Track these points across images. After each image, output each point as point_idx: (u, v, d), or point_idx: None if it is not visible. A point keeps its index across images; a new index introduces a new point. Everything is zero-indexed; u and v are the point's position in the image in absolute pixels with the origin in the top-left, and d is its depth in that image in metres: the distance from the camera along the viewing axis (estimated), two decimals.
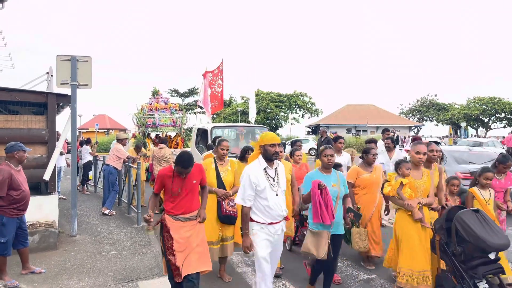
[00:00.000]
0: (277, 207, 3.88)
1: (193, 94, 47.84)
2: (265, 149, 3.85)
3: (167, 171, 4.09)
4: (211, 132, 9.72)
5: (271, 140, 3.86)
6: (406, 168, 4.51)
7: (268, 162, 3.88)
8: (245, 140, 10.37)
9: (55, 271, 5.41)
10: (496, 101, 49.27)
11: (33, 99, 7.09)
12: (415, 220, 4.44)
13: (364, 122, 50.84)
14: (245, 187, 3.84)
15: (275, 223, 3.92)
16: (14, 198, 4.93)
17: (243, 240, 3.91)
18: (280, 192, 3.92)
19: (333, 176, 4.50)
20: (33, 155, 6.72)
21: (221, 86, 14.87)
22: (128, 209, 9.11)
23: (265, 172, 3.86)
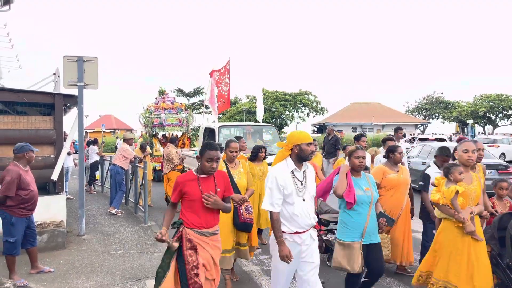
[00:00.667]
0: (305, 215, 3.48)
1: (198, 94, 47.92)
2: (301, 149, 3.47)
3: (189, 176, 3.50)
4: (218, 131, 9.70)
5: (307, 138, 3.51)
6: (459, 172, 3.92)
7: (297, 163, 3.53)
8: (252, 139, 10.31)
9: (63, 270, 5.45)
10: (503, 98, 48.89)
11: (40, 100, 7.15)
12: (466, 233, 3.87)
13: (370, 120, 50.66)
14: (273, 191, 3.46)
15: (302, 232, 3.50)
16: (23, 198, 4.97)
17: (279, 250, 3.43)
18: (308, 197, 3.54)
19: (364, 179, 4.12)
20: (41, 155, 6.77)
21: (228, 85, 14.79)
22: (135, 209, 9.16)
23: (292, 174, 3.50)
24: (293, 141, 3.52)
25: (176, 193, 3.48)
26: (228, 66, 14.70)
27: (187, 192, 3.42)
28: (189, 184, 3.43)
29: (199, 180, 3.44)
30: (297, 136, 3.54)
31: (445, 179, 4.06)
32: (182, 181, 3.45)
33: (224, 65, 14.74)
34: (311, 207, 3.58)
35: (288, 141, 3.56)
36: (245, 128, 10.92)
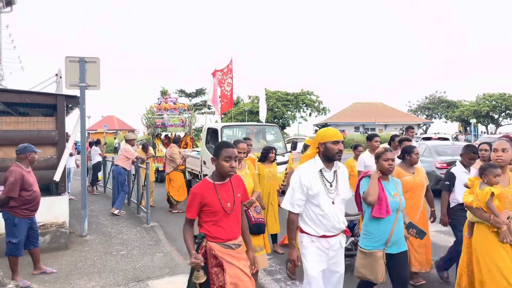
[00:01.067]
0: (333, 218, 3.25)
1: (200, 94, 47.89)
2: (326, 147, 3.24)
3: (205, 185, 3.09)
4: (221, 131, 9.65)
5: (334, 136, 3.26)
6: (494, 175, 3.65)
7: (326, 163, 3.29)
8: (255, 139, 10.29)
9: (66, 271, 5.46)
10: (506, 97, 48.70)
11: (42, 101, 7.16)
12: (501, 240, 3.63)
13: (372, 120, 50.59)
14: (294, 190, 3.28)
15: (330, 236, 3.29)
16: (26, 199, 4.98)
17: (289, 252, 3.30)
18: (338, 200, 3.30)
19: (392, 184, 3.79)
20: (43, 156, 6.78)
21: (231, 85, 14.60)
22: (138, 209, 9.16)
23: (320, 174, 3.28)
24: (318, 139, 3.32)
25: (195, 207, 3.05)
26: (231, 66, 14.51)
27: (207, 203, 3.03)
28: (207, 194, 3.05)
29: (216, 187, 3.08)
30: (322, 134, 3.31)
31: (479, 179, 3.80)
32: (200, 192, 3.04)
33: (226, 65, 14.58)
34: (341, 211, 3.34)
35: (315, 139, 3.37)
36: (248, 128, 10.83)
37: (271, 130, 11.43)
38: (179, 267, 5.53)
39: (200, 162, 10.47)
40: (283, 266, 5.75)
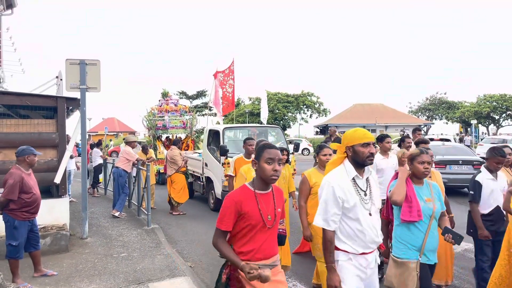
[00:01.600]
0: (371, 231, 2.88)
1: (201, 96, 47.91)
2: (355, 151, 2.86)
3: (245, 192, 2.70)
4: (223, 133, 9.62)
5: (363, 137, 2.86)
6: None
7: (358, 169, 2.90)
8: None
9: (67, 273, 5.45)
10: (507, 98, 48.58)
11: (43, 103, 7.16)
12: None
13: (373, 121, 50.50)
14: (328, 204, 2.86)
15: (368, 253, 2.92)
16: (26, 201, 4.97)
17: (328, 278, 2.85)
18: (374, 210, 2.94)
19: (426, 188, 3.47)
20: (44, 158, 6.78)
21: (232, 86, 14.44)
22: (138, 211, 9.16)
23: (354, 183, 2.89)
24: (345, 142, 2.94)
25: (232, 216, 2.63)
26: (233, 67, 14.43)
27: (246, 213, 2.62)
28: (247, 203, 2.65)
29: (256, 196, 2.69)
30: (350, 136, 2.91)
31: None
32: (239, 200, 2.64)
33: (228, 66, 14.47)
34: (378, 222, 2.97)
35: (342, 142, 3.00)
36: (250, 130, 10.72)
37: (273, 131, 11.33)
38: (179, 269, 5.52)
39: (202, 164, 10.37)
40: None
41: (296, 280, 5.29)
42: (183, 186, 9.74)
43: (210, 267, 5.91)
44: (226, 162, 8.83)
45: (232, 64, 14.48)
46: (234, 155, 9.24)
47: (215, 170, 9.54)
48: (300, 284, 5.18)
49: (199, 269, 5.82)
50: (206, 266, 5.97)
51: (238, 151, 9.40)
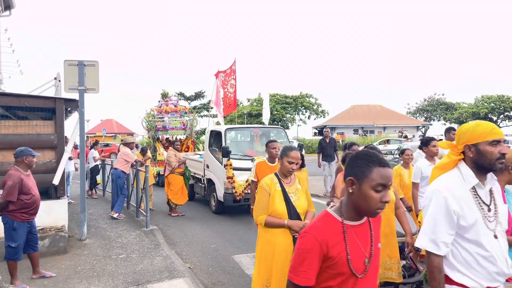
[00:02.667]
0: (499, 259, 2.13)
1: (199, 97, 47.96)
2: (479, 151, 2.16)
3: (330, 224, 1.88)
4: (225, 134, 9.41)
5: (491, 133, 2.15)
6: None
7: (480, 175, 2.19)
8: (260, 142, 9.83)
9: (65, 275, 5.43)
10: (504, 99, 48.75)
11: (41, 105, 7.15)
12: None
13: (371, 122, 50.60)
14: (438, 220, 2.15)
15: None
16: (25, 203, 4.96)
17: None
18: (500, 231, 2.18)
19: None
20: (42, 160, 6.76)
21: (234, 87, 14.04)
22: (137, 213, 9.14)
23: (474, 193, 2.18)
24: (464, 139, 2.21)
25: (315, 262, 1.83)
26: (234, 67, 14.06)
27: (332, 258, 1.83)
28: (334, 242, 1.84)
29: (345, 231, 1.87)
30: (472, 131, 2.19)
31: None
32: (323, 239, 1.82)
33: (229, 66, 14.12)
34: (505, 247, 2.21)
35: (457, 139, 2.27)
36: (252, 131, 10.48)
37: (277, 132, 10.99)
38: (178, 270, 5.51)
39: (203, 165, 10.18)
40: None
41: None
42: (181, 187, 9.70)
43: (209, 268, 5.91)
44: (229, 164, 8.70)
45: (234, 64, 14.13)
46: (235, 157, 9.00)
47: (217, 172, 9.37)
48: None
49: (198, 270, 5.81)
50: (205, 267, 5.96)
51: (240, 152, 9.35)
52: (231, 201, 8.82)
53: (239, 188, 8.71)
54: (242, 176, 8.76)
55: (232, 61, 14.16)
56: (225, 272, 5.72)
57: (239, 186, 8.71)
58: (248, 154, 9.28)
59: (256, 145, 9.87)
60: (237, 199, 8.74)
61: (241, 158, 9.06)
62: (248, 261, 6.12)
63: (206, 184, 10.17)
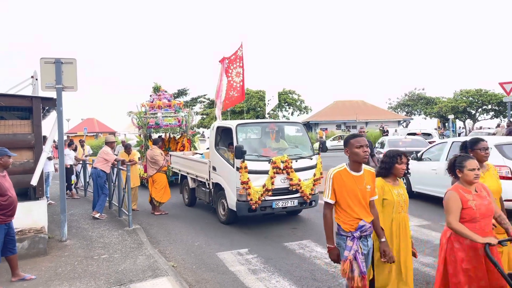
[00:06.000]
0: None
1: (182, 95, 47.56)
2: None
3: None
4: (236, 131, 7.91)
5: None
6: None
7: None
8: (276, 139, 8.64)
9: (46, 277, 5.32)
10: (482, 93, 49.77)
11: (18, 104, 6.99)
12: None
13: (354, 117, 51.03)
14: None
15: None
16: (1, 204, 4.85)
17: None
18: None
19: None
20: (20, 160, 6.61)
21: (240, 75, 12.16)
22: (119, 212, 9.02)
23: None
24: None
25: None
26: (241, 53, 12.21)
27: None
28: None
29: None
30: None
31: None
32: None
33: (234, 51, 12.29)
34: None
35: None
36: (268, 126, 8.96)
37: (294, 128, 9.74)
38: (162, 269, 5.46)
39: (208, 168, 8.82)
40: (267, 265, 5.75)
41: (280, 277, 5.30)
42: (165, 185, 9.62)
43: (193, 266, 5.87)
44: (243, 166, 7.39)
45: (240, 49, 12.15)
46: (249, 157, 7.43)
47: (228, 176, 7.98)
48: (283, 280, 5.19)
49: (182, 269, 5.77)
50: (189, 265, 5.93)
51: (253, 152, 7.96)
52: (246, 210, 7.47)
53: (255, 195, 7.37)
54: (258, 180, 7.48)
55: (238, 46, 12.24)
56: (209, 269, 5.70)
57: (255, 193, 7.38)
58: (264, 154, 7.93)
59: (272, 143, 8.49)
60: (253, 207, 7.39)
61: (256, 159, 7.68)
62: (232, 258, 6.11)
63: (212, 189, 8.77)
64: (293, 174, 7.57)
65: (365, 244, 3.47)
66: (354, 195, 3.42)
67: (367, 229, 3.43)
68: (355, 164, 3.45)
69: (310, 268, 5.60)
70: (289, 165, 7.54)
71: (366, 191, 3.47)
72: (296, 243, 6.78)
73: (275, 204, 7.58)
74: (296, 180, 7.59)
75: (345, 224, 3.43)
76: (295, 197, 7.73)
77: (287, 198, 7.67)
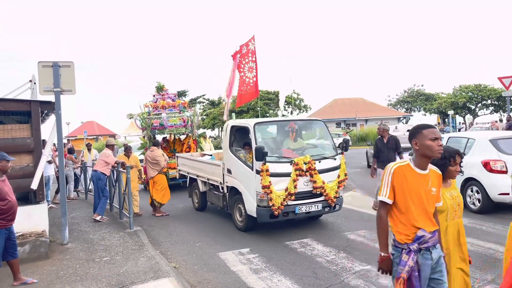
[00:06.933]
0: None
1: (181, 96, 47.59)
2: None
3: None
4: (254, 130, 7.33)
5: None
6: None
7: None
8: (296, 139, 7.99)
9: (47, 280, 5.33)
10: (481, 88, 49.74)
11: (16, 108, 6.98)
12: None
13: (353, 115, 51.00)
14: None
15: None
16: (1, 209, 4.85)
17: None
18: None
19: None
20: (19, 164, 6.61)
21: (253, 70, 11.17)
22: (120, 214, 9.03)
23: None
24: None
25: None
26: (253, 46, 11.21)
27: None
28: None
29: None
30: None
31: None
32: None
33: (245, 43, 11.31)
34: None
35: None
36: (287, 125, 8.23)
37: (315, 126, 8.90)
38: (163, 270, 5.46)
39: (222, 170, 8.19)
40: (269, 264, 5.75)
41: (281, 275, 5.30)
42: (165, 186, 9.63)
43: (195, 266, 5.88)
44: (265, 169, 6.82)
45: (251, 41, 11.15)
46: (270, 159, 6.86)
47: (246, 179, 7.40)
48: (285, 279, 5.19)
49: (184, 269, 5.77)
50: (191, 266, 5.93)
51: (273, 153, 7.34)
52: (267, 216, 6.96)
53: (277, 200, 6.82)
54: (279, 184, 6.92)
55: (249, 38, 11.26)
56: (211, 269, 5.70)
57: (277, 198, 6.82)
58: (285, 155, 7.35)
59: (293, 144, 7.88)
60: (275, 214, 6.86)
61: (277, 161, 7.13)
62: (234, 257, 6.12)
63: (227, 193, 8.21)
64: (317, 176, 7.05)
65: (427, 257, 2.84)
66: (417, 197, 2.86)
67: (427, 240, 2.82)
68: (423, 159, 2.89)
69: (312, 266, 5.60)
70: (313, 167, 7.03)
71: (431, 194, 2.91)
72: (297, 241, 6.78)
73: (298, 209, 7.05)
74: (320, 182, 7.06)
75: (400, 234, 2.88)
76: (319, 201, 7.22)
77: (311, 202, 7.18)
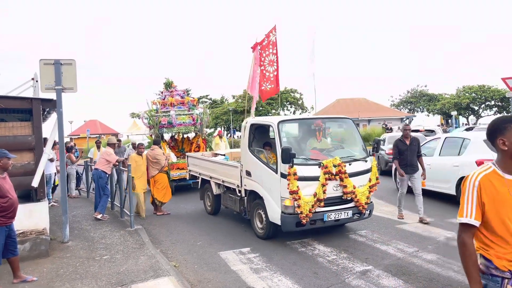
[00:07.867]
0: None
1: None
2: None
3: None
4: (278, 129, 6.66)
5: None
6: None
7: None
8: (322, 139, 7.45)
9: (47, 278, 5.32)
10: (485, 89, 49.60)
11: (18, 106, 6.99)
12: None
13: (356, 115, 50.87)
14: None
15: None
16: (2, 206, 4.83)
17: None
18: None
19: None
20: (20, 162, 6.61)
21: (274, 63, 10.43)
22: (121, 213, 9.02)
23: None
24: None
25: None
26: (274, 38, 10.37)
27: None
28: None
29: None
30: None
31: None
32: None
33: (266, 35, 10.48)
34: None
35: None
36: (314, 123, 7.60)
37: (342, 124, 8.24)
38: (163, 269, 5.45)
39: (240, 172, 7.52)
40: (269, 264, 5.72)
41: (282, 275, 5.28)
42: (166, 185, 9.62)
43: (195, 265, 5.86)
44: (292, 173, 6.16)
45: (272, 32, 10.31)
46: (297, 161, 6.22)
47: (268, 183, 6.73)
48: (285, 278, 5.17)
49: (184, 268, 5.76)
50: (191, 265, 5.91)
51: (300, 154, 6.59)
52: (293, 224, 6.29)
53: (305, 207, 6.16)
54: (307, 188, 6.26)
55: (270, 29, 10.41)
56: (211, 269, 5.68)
57: (305, 204, 6.17)
58: (313, 157, 6.69)
59: (320, 143, 7.28)
60: (303, 222, 6.20)
61: (304, 163, 6.42)
62: (234, 257, 6.09)
63: (245, 197, 7.52)
64: (348, 180, 6.41)
65: None
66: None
67: None
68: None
69: (312, 266, 5.57)
70: (343, 170, 6.38)
71: None
72: (298, 241, 6.75)
73: (327, 217, 6.39)
74: (351, 187, 6.43)
75: (501, 259, 2.19)
76: (349, 208, 6.59)
77: (340, 209, 6.54)
